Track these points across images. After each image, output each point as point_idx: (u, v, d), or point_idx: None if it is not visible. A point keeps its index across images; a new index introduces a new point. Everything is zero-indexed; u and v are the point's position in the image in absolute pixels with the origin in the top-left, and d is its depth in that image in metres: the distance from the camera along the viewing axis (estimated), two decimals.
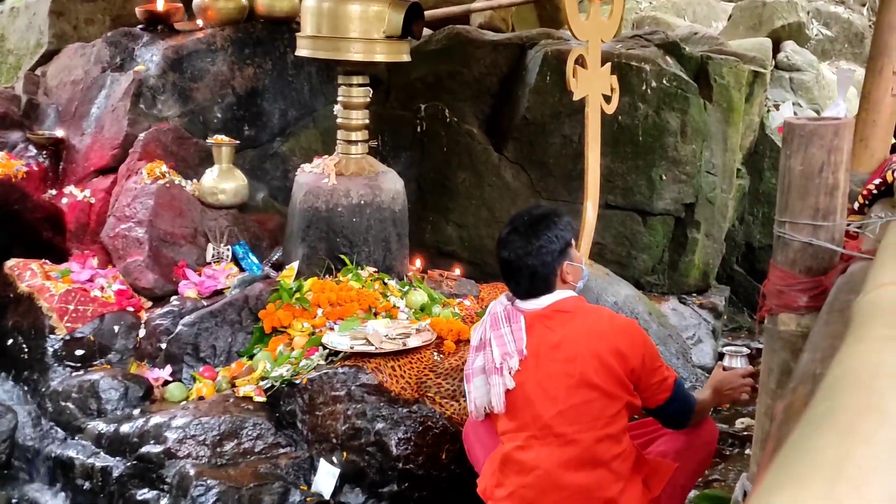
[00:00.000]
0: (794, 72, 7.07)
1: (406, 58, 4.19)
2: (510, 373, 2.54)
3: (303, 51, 4.12)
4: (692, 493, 3.29)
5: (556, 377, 2.50)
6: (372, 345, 3.54)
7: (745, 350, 2.90)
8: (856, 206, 1.93)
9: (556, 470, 2.47)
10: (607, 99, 4.83)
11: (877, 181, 1.83)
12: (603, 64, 4.73)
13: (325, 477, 3.36)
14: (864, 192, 1.87)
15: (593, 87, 4.72)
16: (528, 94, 5.41)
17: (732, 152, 5.88)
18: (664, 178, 5.56)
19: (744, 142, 6.16)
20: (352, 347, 3.54)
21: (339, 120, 4.22)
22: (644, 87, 5.44)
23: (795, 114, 5.08)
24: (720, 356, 2.90)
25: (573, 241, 2.67)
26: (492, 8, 6.29)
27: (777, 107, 6.62)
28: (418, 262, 4.60)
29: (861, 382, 0.71)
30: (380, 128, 5.33)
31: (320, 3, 4.02)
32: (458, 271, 4.56)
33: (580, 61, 4.59)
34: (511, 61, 5.59)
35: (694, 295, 5.78)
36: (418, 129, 5.57)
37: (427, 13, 4.87)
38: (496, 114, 5.63)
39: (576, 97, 4.65)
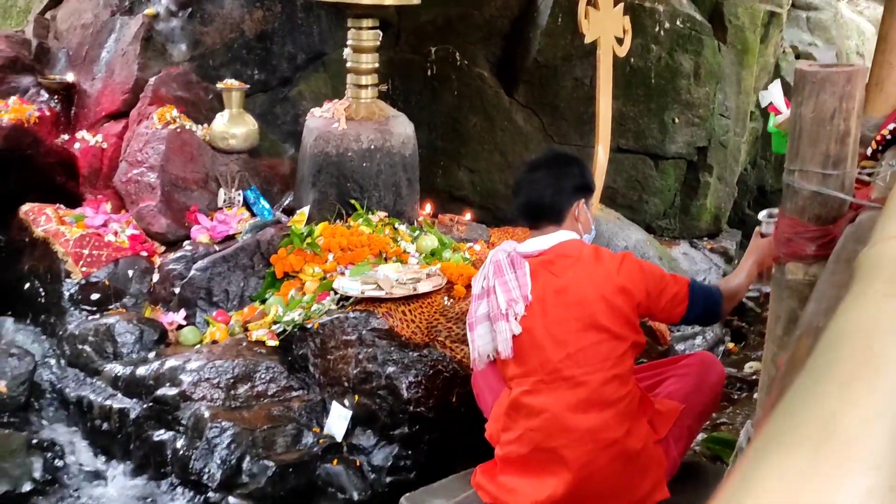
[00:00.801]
0: (811, 11, 6.96)
1: (416, 0, 4.14)
2: (516, 318, 2.56)
3: None
4: (700, 436, 3.33)
5: (565, 321, 2.52)
6: (382, 290, 3.56)
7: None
8: (868, 151, 1.91)
9: (563, 413, 2.50)
10: (619, 41, 4.78)
11: (891, 126, 1.81)
12: (615, 5, 4.68)
13: (338, 419, 3.41)
14: (878, 138, 1.85)
15: (605, 30, 4.67)
16: (540, 36, 5.35)
17: (746, 94, 5.83)
18: (677, 121, 5.52)
19: (758, 84, 6.09)
20: (363, 292, 3.56)
21: (348, 64, 4.18)
22: (657, 29, 5.38)
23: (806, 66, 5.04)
24: (757, 223, 2.87)
25: (592, 191, 2.73)
26: None
27: (794, 50, 6.54)
28: (428, 207, 4.60)
29: (860, 338, 0.72)
30: (390, 72, 5.29)
31: None
32: (468, 216, 4.56)
33: (592, 3, 4.53)
34: (522, 3, 5.52)
35: (705, 239, 5.79)
36: (429, 73, 5.53)
37: None
38: (507, 57, 5.58)
39: (587, 40, 4.60)
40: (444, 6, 5.46)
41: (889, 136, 1.75)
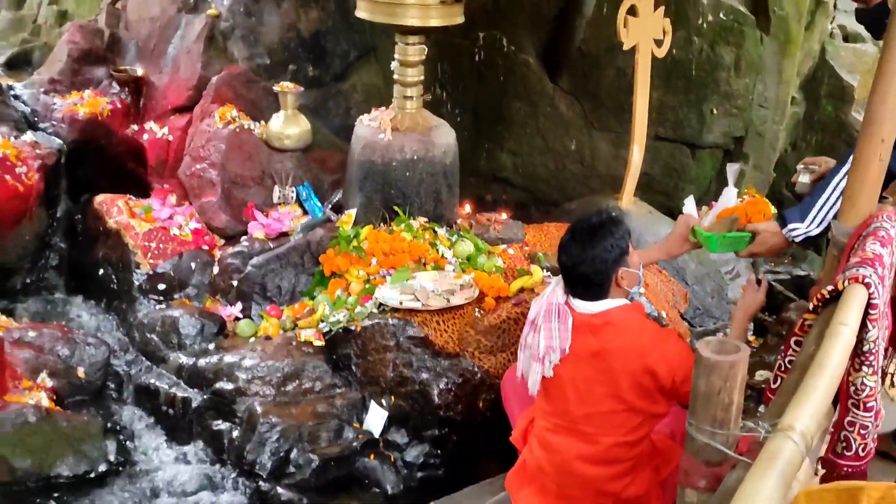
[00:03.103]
0: None
1: (460, 19, 4.34)
2: (550, 364, 2.79)
3: (362, 13, 4.33)
4: None
5: (591, 383, 2.74)
6: (419, 301, 3.91)
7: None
8: (810, 306, 2.16)
9: (573, 460, 2.80)
10: (658, 43, 4.93)
11: (829, 287, 2.04)
12: (656, 9, 4.80)
13: (376, 418, 3.80)
14: (819, 296, 2.09)
15: (644, 34, 4.82)
16: (584, 25, 5.51)
17: (787, 84, 5.93)
18: (715, 111, 5.68)
19: (801, 68, 6.18)
20: (401, 303, 3.90)
21: (395, 76, 4.44)
22: (700, 21, 5.49)
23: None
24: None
25: (630, 248, 2.77)
26: None
27: (842, 30, 6.55)
28: (468, 207, 4.88)
29: None
30: (439, 56, 5.50)
31: None
32: (504, 215, 4.84)
33: (632, 10, 4.69)
34: None
35: None
36: (476, 58, 5.73)
37: None
38: (552, 44, 5.74)
39: (626, 47, 4.78)
40: None
41: (829, 296, 1.99)
